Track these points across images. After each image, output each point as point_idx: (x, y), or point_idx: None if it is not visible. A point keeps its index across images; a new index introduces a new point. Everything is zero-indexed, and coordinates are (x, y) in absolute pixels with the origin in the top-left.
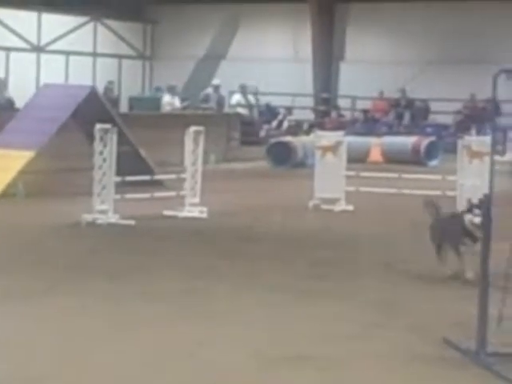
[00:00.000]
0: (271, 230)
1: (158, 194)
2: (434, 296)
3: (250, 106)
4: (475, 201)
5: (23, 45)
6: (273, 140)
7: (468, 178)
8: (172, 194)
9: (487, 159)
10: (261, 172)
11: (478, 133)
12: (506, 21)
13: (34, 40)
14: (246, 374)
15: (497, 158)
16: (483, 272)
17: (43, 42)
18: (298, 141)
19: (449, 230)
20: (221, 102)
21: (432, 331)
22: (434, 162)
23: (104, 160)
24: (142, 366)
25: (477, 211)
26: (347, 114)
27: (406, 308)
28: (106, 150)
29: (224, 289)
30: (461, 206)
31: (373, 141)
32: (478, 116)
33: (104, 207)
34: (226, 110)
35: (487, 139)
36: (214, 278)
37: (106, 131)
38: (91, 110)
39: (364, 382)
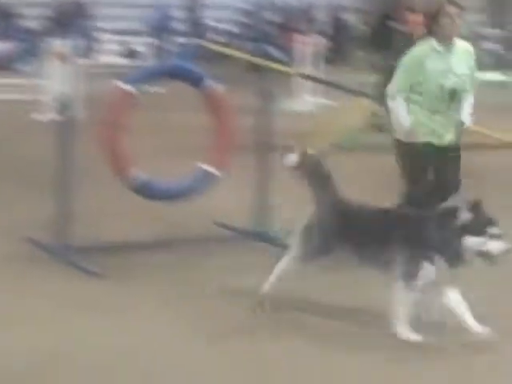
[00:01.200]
0: None
1: None
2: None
3: None
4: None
5: None
6: None
7: (54, 82)
8: None
9: (71, 62)
10: None
11: (65, 36)
12: None
13: None
14: None
15: (83, 60)
16: None
17: None
18: None
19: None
20: None
21: (17, 231)
22: (23, 67)
23: None
24: None
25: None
26: None
27: None
28: None
29: None
30: (49, 108)
31: None
32: (66, 20)
33: None
34: None
35: (70, 42)
36: None
37: None
38: None
39: None
